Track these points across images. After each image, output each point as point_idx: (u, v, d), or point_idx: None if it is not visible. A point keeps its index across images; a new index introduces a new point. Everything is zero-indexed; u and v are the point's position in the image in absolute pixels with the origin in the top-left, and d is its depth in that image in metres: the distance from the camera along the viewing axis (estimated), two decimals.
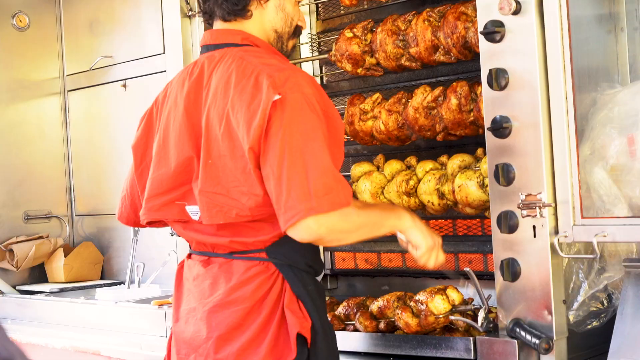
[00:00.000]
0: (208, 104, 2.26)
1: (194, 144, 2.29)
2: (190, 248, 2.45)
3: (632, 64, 2.63)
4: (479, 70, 2.42)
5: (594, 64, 2.51)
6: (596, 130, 2.41)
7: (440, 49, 2.81)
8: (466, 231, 3.11)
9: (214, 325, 2.26)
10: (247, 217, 2.20)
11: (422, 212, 3.00)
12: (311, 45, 3.55)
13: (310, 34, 3.56)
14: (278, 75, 2.17)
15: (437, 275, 3.18)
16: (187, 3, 3.26)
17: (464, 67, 3.05)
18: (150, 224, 2.49)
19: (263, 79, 2.17)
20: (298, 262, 2.28)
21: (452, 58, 2.80)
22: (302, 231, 2.09)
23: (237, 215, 2.19)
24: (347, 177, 3.07)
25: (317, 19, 3.56)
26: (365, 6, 3.36)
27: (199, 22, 3.27)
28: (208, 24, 2.48)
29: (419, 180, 2.83)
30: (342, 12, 3.44)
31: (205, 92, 2.29)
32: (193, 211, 2.31)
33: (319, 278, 2.41)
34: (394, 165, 2.94)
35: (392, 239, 3.29)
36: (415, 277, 3.25)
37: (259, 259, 2.27)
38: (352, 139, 3.13)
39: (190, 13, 3.27)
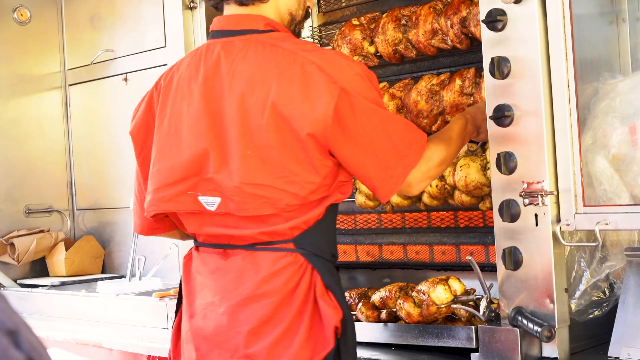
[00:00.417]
0: (238, 93, 2.18)
1: (213, 134, 2.20)
2: (197, 241, 2.36)
3: (633, 54, 2.63)
4: (481, 62, 2.42)
5: (595, 54, 2.52)
6: (598, 119, 2.41)
7: (439, 34, 2.81)
8: (467, 223, 3.11)
9: (243, 319, 2.18)
10: (296, 206, 2.17)
11: (417, 204, 3.01)
12: (312, 38, 3.55)
13: (312, 26, 3.56)
14: (325, 63, 2.16)
15: (439, 267, 3.18)
16: None
17: (465, 58, 3.06)
18: (156, 217, 2.36)
19: (312, 69, 2.15)
20: (324, 251, 2.26)
21: (449, 43, 2.80)
22: (404, 191, 2.28)
23: (287, 205, 2.15)
24: None
25: (319, 12, 3.56)
26: None
27: (200, 14, 3.27)
28: (215, 8, 2.40)
29: None
30: (344, 4, 3.45)
31: (230, 80, 2.21)
32: (208, 202, 2.21)
33: None
34: None
35: (393, 231, 3.31)
36: (416, 269, 3.25)
37: (286, 249, 2.22)
38: None
39: (191, 5, 3.27)
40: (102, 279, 4.15)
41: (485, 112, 2.44)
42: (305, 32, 3.57)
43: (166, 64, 3.70)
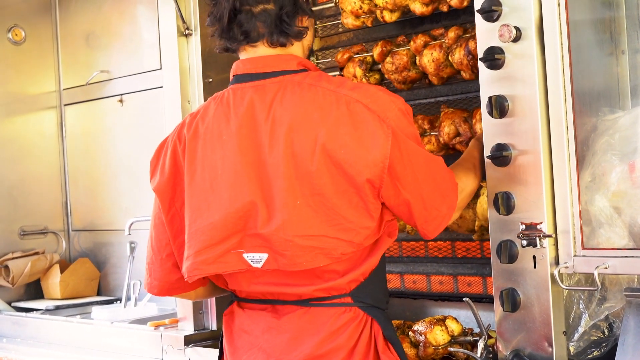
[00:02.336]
0: (281, 140, 2.05)
1: (257, 186, 2.06)
2: (239, 296, 2.24)
3: (633, 87, 2.60)
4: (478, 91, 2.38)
5: (595, 88, 2.48)
6: (597, 156, 2.38)
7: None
8: (465, 253, 3.08)
9: None
10: (350, 254, 2.08)
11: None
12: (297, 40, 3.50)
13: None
14: (369, 100, 2.08)
15: (436, 297, 3.15)
16: (184, 22, 3.22)
17: (462, 87, 3.03)
18: (190, 284, 2.20)
19: (360, 108, 2.06)
20: (381, 301, 2.21)
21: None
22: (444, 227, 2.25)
23: (342, 254, 2.05)
24: None
25: (316, 36, 3.53)
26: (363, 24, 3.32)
27: (195, 41, 3.23)
28: (227, 51, 2.22)
29: None
30: (341, 30, 3.41)
31: (269, 127, 2.07)
32: (255, 259, 2.07)
33: None
34: None
35: (390, 259, 3.28)
36: (413, 299, 3.22)
37: (344, 304, 2.13)
38: None
39: (187, 32, 3.24)
40: (97, 302, 4.12)
41: None
42: None
43: (161, 86, 3.67)
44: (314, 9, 3.38)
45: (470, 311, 2.43)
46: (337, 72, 3.18)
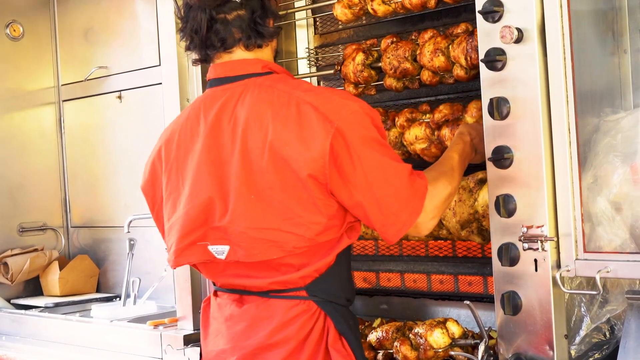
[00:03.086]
0: (240, 138, 2.17)
1: (216, 182, 2.19)
2: (215, 285, 2.36)
3: (635, 87, 2.58)
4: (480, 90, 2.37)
5: (596, 88, 2.46)
6: (599, 157, 2.36)
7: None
8: (466, 253, 3.06)
9: None
10: (304, 248, 2.14)
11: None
12: (309, 60, 3.50)
13: (308, 48, 3.50)
14: (320, 102, 2.14)
15: (437, 296, 3.14)
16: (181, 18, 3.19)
17: (463, 86, 3.01)
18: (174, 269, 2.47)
19: (308, 109, 2.13)
20: (338, 297, 2.25)
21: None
22: (414, 233, 2.24)
23: (294, 247, 2.13)
24: None
25: (315, 33, 3.51)
26: (364, 21, 3.30)
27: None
28: (204, 62, 2.34)
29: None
30: (340, 27, 3.39)
31: (231, 127, 2.19)
32: (218, 251, 2.21)
33: None
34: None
35: (390, 258, 3.27)
36: (414, 298, 3.21)
37: (299, 297, 2.21)
38: None
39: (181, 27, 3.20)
40: (96, 299, 4.11)
41: (481, 132, 2.39)
42: (301, 54, 3.52)
43: (160, 83, 3.65)
44: (313, 5, 3.37)
45: (472, 312, 2.42)
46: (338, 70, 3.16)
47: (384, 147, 2.18)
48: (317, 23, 3.49)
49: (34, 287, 4.34)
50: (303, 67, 3.52)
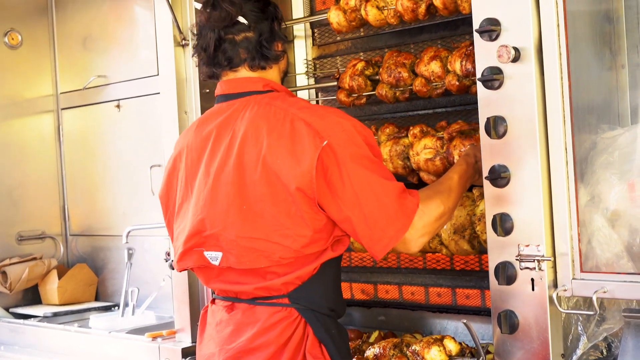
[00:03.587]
0: (236, 151, 2.27)
1: (212, 192, 2.30)
2: (214, 293, 2.46)
3: (632, 102, 2.57)
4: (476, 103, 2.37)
5: (594, 104, 2.46)
6: (596, 175, 2.36)
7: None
8: (464, 266, 3.06)
9: None
10: (290, 259, 2.23)
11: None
12: (307, 71, 3.50)
13: (306, 59, 3.50)
14: (313, 119, 2.23)
15: (434, 309, 3.14)
16: (180, 32, 3.19)
17: (461, 99, 3.01)
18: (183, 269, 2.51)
19: (301, 125, 2.22)
20: (320, 306, 2.32)
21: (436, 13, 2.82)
22: (402, 250, 2.28)
23: (281, 258, 2.23)
24: None
25: (313, 45, 3.50)
26: (362, 33, 3.30)
27: (192, 51, 3.20)
28: (211, 78, 2.43)
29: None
30: (338, 38, 3.39)
31: (229, 140, 2.30)
32: (212, 257, 2.32)
33: None
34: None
35: (388, 270, 3.27)
36: (412, 310, 3.21)
37: (281, 304, 2.30)
38: None
39: (183, 42, 3.21)
40: (95, 308, 4.11)
41: None
42: (299, 66, 3.52)
43: (158, 93, 3.65)
44: (311, 18, 3.37)
45: (470, 319, 2.42)
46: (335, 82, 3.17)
47: (374, 165, 2.24)
48: (315, 34, 3.49)
49: (32, 295, 4.34)
50: (301, 77, 3.52)
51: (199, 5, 2.40)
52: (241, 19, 2.36)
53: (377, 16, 2.95)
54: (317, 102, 3.49)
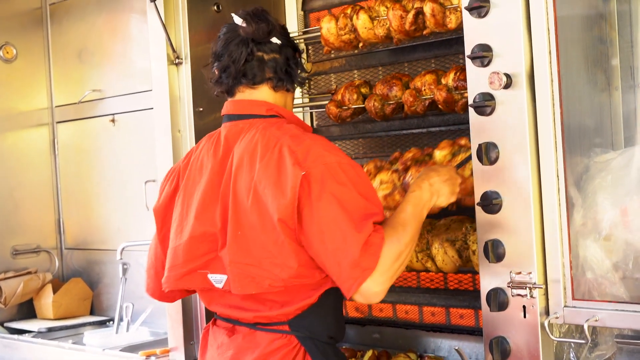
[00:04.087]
0: (233, 175, 2.28)
1: (219, 214, 2.29)
2: (216, 314, 2.46)
3: (626, 124, 2.57)
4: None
5: (587, 126, 2.46)
6: (589, 200, 2.35)
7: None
8: (457, 286, 3.06)
9: None
10: (280, 288, 2.22)
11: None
12: (301, 88, 3.49)
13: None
14: (299, 148, 2.21)
15: (428, 328, 3.13)
16: (174, 51, 3.19)
17: (455, 118, 3.00)
18: (174, 292, 2.50)
19: (286, 153, 2.21)
20: (320, 334, 2.32)
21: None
22: (367, 295, 2.16)
23: (270, 286, 2.21)
24: None
25: (307, 61, 3.50)
26: (356, 51, 3.29)
27: (186, 69, 3.20)
28: (228, 90, 2.43)
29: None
30: (333, 55, 3.38)
31: (229, 163, 2.31)
32: (217, 280, 2.32)
33: None
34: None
35: None
36: (405, 329, 3.20)
37: (281, 331, 2.30)
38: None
39: (177, 61, 3.21)
40: (90, 323, 4.10)
41: (443, 174, 2.42)
42: None
43: (152, 108, 3.64)
44: (305, 36, 3.36)
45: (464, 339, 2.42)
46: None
47: (350, 204, 2.17)
48: (310, 51, 3.48)
49: (27, 309, 4.33)
50: (295, 94, 3.51)
51: (239, 20, 2.40)
52: (275, 39, 2.40)
53: (366, 23, 2.93)
54: (312, 118, 3.49)
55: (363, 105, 3.03)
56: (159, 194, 2.55)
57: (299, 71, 2.48)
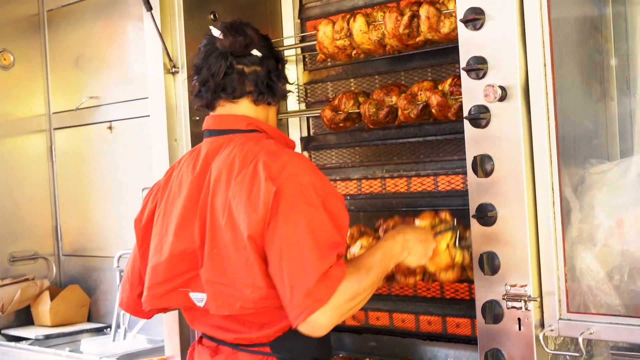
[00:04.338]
0: (211, 192, 2.23)
1: (197, 231, 2.24)
2: (201, 332, 2.43)
3: (622, 134, 2.57)
4: None
5: (582, 137, 2.46)
6: (584, 211, 2.35)
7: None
8: (453, 295, 3.06)
9: None
10: (251, 309, 2.17)
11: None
12: (298, 96, 3.50)
13: (297, 84, 3.50)
14: (275, 164, 2.16)
15: (425, 336, 3.13)
16: (170, 60, 3.19)
17: (451, 127, 3.01)
18: (153, 311, 2.44)
19: (260, 168, 2.16)
20: (303, 356, 2.28)
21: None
22: (312, 326, 2.09)
23: (241, 307, 2.17)
24: None
25: (304, 69, 3.50)
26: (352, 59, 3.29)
27: (182, 79, 3.20)
28: (208, 104, 2.38)
29: None
30: (329, 63, 3.38)
31: (208, 179, 2.26)
32: (198, 298, 2.28)
33: None
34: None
35: (379, 297, 3.26)
36: (402, 337, 3.21)
37: (263, 353, 2.26)
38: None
39: (173, 70, 3.21)
40: (87, 330, 4.10)
41: (419, 234, 2.41)
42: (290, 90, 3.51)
43: (148, 115, 3.64)
44: (302, 44, 3.36)
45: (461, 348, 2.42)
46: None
47: (317, 228, 2.11)
48: (307, 59, 3.48)
49: (25, 316, 4.33)
50: (292, 102, 3.52)
51: (217, 32, 2.35)
52: (255, 52, 2.34)
53: (362, 26, 2.92)
54: (308, 126, 3.49)
55: (358, 111, 3.03)
56: (142, 207, 2.49)
57: (282, 84, 2.42)
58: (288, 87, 2.48)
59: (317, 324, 2.08)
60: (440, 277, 2.65)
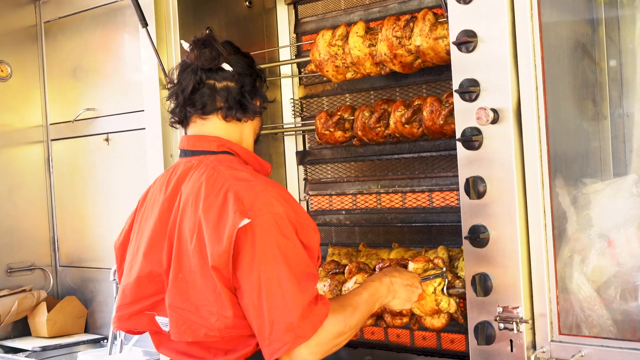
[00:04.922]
0: (180, 215, 2.19)
1: (165, 254, 2.21)
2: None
3: (615, 153, 2.58)
4: None
5: (575, 157, 2.47)
6: (577, 232, 2.36)
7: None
8: None
9: None
10: (216, 338, 2.13)
11: None
12: (293, 110, 3.51)
13: (293, 99, 3.51)
14: (247, 194, 2.10)
15: (419, 352, 3.14)
16: (166, 75, 3.19)
17: (446, 144, 3.02)
18: (129, 331, 2.40)
19: (230, 198, 2.09)
20: None
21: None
22: None
23: (206, 335, 2.12)
24: None
25: (300, 84, 3.51)
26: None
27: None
28: (181, 120, 2.34)
29: None
30: (325, 78, 3.39)
31: (177, 202, 2.23)
32: (163, 322, 2.24)
33: None
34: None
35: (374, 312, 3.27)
36: (397, 352, 3.21)
37: None
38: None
39: (169, 86, 3.20)
40: (84, 342, 4.11)
41: (406, 278, 2.41)
42: (286, 104, 3.52)
43: (144, 128, 3.65)
44: (298, 60, 3.37)
45: None
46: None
47: (295, 261, 2.09)
48: (302, 74, 3.49)
49: (22, 327, 4.33)
50: (288, 116, 3.53)
51: (186, 45, 2.33)
52: (226, 66, 2.27)
53: (360, 31, 2.93)
54: (304, 141, 3.50)
55: (352, 117, 3.04)
56: (123, 226, 2.46)
57: (259, 101, 2.35)
58: (264, 104, 2.38)
59: (301, 358, 2.05)
60: (426, 322, 2.69)
